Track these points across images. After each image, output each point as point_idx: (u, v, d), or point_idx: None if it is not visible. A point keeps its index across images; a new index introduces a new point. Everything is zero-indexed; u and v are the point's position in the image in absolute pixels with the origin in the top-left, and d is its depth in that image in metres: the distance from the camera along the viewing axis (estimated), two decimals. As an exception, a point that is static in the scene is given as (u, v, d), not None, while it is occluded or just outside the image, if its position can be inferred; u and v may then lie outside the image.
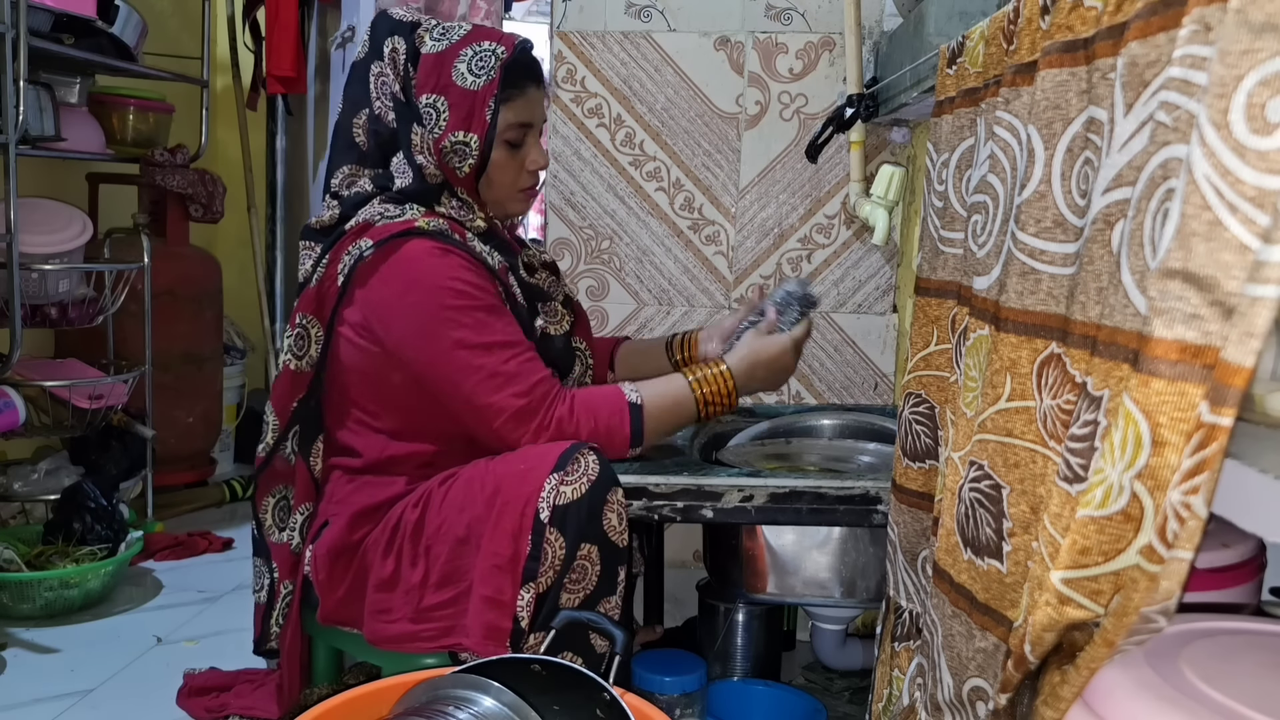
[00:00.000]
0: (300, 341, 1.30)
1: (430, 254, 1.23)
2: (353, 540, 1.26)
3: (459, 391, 1.23)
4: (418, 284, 1.23)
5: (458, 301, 1.22)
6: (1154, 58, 0.61)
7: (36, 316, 2.38)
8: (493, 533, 1.16)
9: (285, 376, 1.31)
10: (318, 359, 1.30)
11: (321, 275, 1.29)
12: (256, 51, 3.15)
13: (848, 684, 1.75)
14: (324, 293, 1.29)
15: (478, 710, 0.91)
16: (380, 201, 1.31)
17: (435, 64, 1.29)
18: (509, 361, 1.23)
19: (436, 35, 1.31)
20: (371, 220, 1.28)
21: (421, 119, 1.29)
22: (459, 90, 1.28)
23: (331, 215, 1.33)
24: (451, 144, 1.29)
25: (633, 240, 2.02)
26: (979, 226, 0.90)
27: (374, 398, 1.29)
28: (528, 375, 1.24)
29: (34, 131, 2.19)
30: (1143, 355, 0.55)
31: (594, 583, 1.16)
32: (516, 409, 1.23)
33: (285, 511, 1.35)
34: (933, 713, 0.90)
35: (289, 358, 1.30)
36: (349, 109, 1.36)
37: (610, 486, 1.17)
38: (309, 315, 1.29)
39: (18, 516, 2.43)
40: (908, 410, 1.07)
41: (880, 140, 1.91)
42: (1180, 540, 0.56)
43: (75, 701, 1.71)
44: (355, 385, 1.29)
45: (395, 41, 1.31)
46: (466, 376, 1.22)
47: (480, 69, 1.28)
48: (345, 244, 1.28)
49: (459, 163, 1.30)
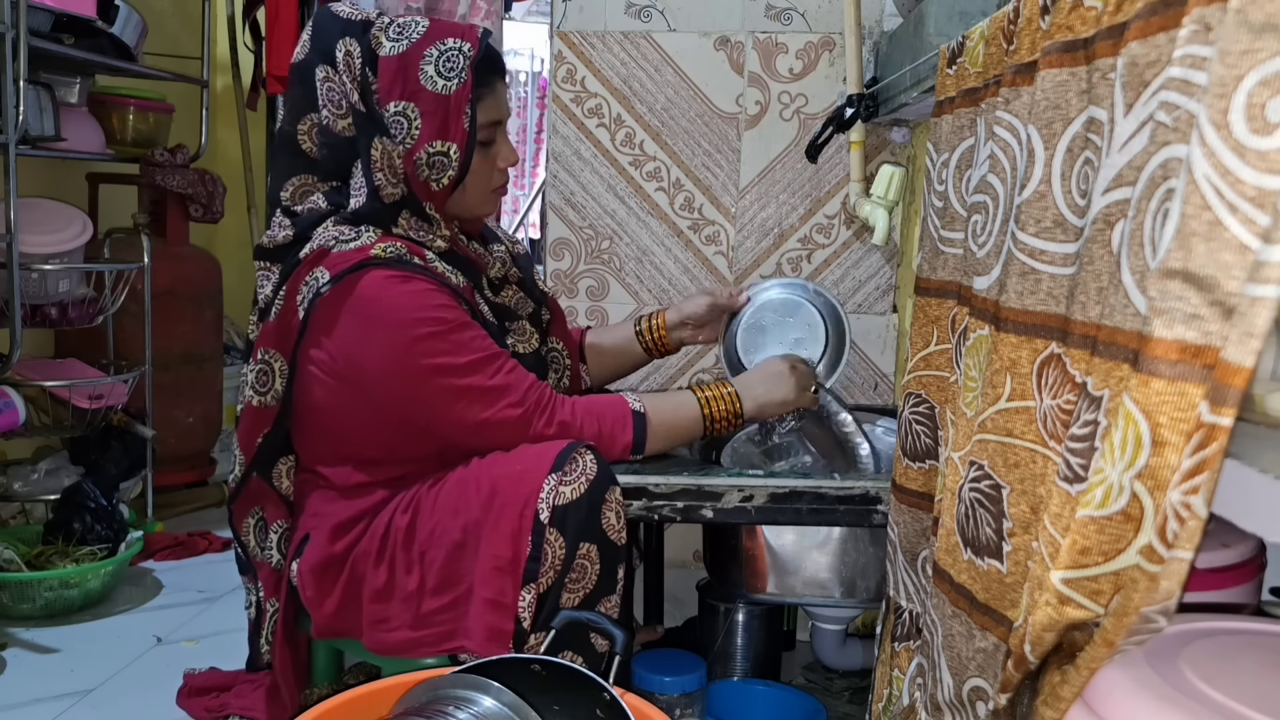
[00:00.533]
0: (263, 377, 1.25)
1: (389, 284, 1.17)
2: (336, 552, 1.24)
3: (450, 417, 1.20)
4: (382, 320, 1.17)
5: (427, 329, 1.17)
6: (1154, 58, 0.61)
7: (36, 316, 2.38)
8: (492, 535, 1.16)
9: (249, 413, 1.27)
10: (283, 394, 1.25)
11: (281, 308, 1.23)
12: (256, 51, 3.14)
13: (848, 684, 1.75)
14: (285, 326, 1.23)
15: (478, 710, 0.91)
16: (335, 223, 1.24)
17: (399, 67, 1.20)
18: (494, 376, 1.20)
19: (393, 35, 1.21)
20: (327, 246, 1.21)
21: (389, 130, 1.21)
22: (430, 95, 1.20)
23: (285, 235, 1.27)
24: (428, 155, 1.21)
25: (633, 240, 2.02)
26: (979, 226, 0.90)
27: (345, 428, 1.26)
28: (518, 385, 1.22)
29: (34, 131, 2.19)
30: (1143, 355, 0.55)
31: (594, 582, 1.16)
32: (515, 419, 1.21)
33: (261, 530, 1.34)
34: (933, 713, 0.90)
35: (251, 394, 1.26)
36: (292, 114, 1.27)
37: (608, 485, 1.17)
38: (271, 350, 1.25)
39: (18, 516, 2.42)
40: (908, 410, 1.07)
41: (880, 140, 1.91)
42: (1180, 540, 0.56)
43: (75, 701, 1.71)
44: (323, 416, 1.26)
45: (348, 44, 1.21)
46: (455, 401, 1.19)
47: (450, 70, 1.20)
48: (302, 274, 1.22)
49: (436, 175, 1.23)
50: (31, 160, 2.43)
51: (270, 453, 1.30)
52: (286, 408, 1.26)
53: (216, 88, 3.26)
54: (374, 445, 1.26)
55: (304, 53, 1.26)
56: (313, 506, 1.30)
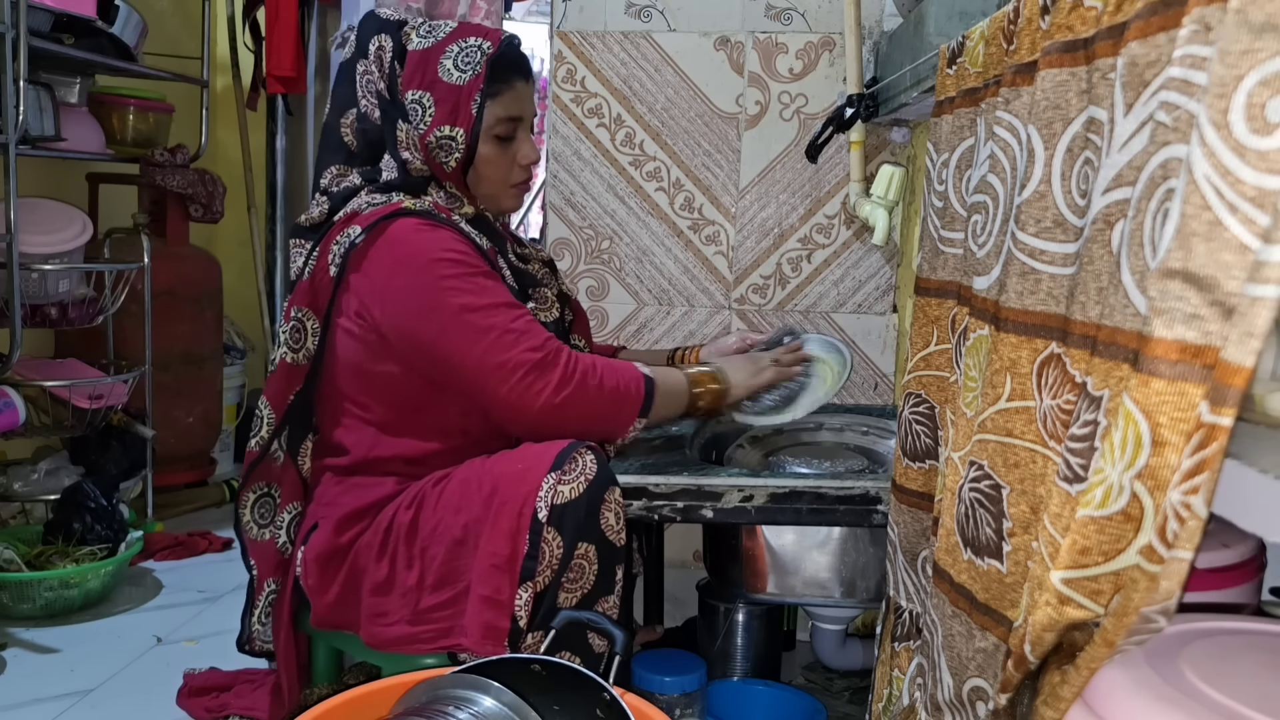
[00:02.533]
0: (296, 335, 1.29)
1: (418, 229, 1.24)
2: (341, 543, 1.25)
3: (470, 357, 1.21)
4: (409, 261, 1.22)
5: (453, 270, 1.22)
6: (1154, 58, 0.61)
7: (36, 316, 2.38)
8: (490, 533, 1.16)
9: (281, 371, 1.30)
10: (314, 352, 1.29)
11: (313, 267, 1.29)
12: (256, 51, 3.14)
13: (848, 684, 1.75)
14: (317, 284, 1.29)
15: (478, 710, 0.91)
16: (367, 193, 1.32)
17: (421, 60, 1.30)
18: (516, 320, 1.22)
19: (423, 32, 1.32)
20: (359, 209, 1.28)
21: (407, 115, 1.30)
22: (445, 85, 1.29)
23: (320, 211, 1.34)
24: (437, 139, 1.30)
25: (633, 240, 2.02)
26: (979, 226, 0.90)
27: (366, 389, 1.28)
28: (537, 332, 1.24)
29: (34, 131, 2.19)
30: (1143, 355, 0.55)
31: (591, 582, 1.16)
32: (535, 362, 1.21)
33: (267, 509, 1.34)
34: (933, 713, 0.90)
35: (285, 351, 1.29)
36: (336, 109, 1.37)
37: (608, 486, 1.17)
38: (304, 308, 1.29)
39: (18, 516, 2.42)
40: (908, 410, 1.07)
41: (880, 140, 1.91)
42: (1180, 540, 0.56)
43: (75, 701, 1.71)
44: (348, 377, 1.29)
45: (381, 40, 1.32)
46: (477, 339, 1.20)
47: (466, 64, 1.29)
48: (334, 235, 1.28)
49: (445, 157, 1.31)
50: (31, 160, 2.43)
51: (300, 415, 1.32)
52: (317, 366, 1.30)
53: (216, 88, 3.26)
54: (389, 405, 1.28)
55: (349, 52, 1.35)
56: (324, 495, 1.31)
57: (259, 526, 1.34)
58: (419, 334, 1.23)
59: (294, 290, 1.31)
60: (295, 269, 1.32)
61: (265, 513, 1.34)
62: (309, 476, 1.34)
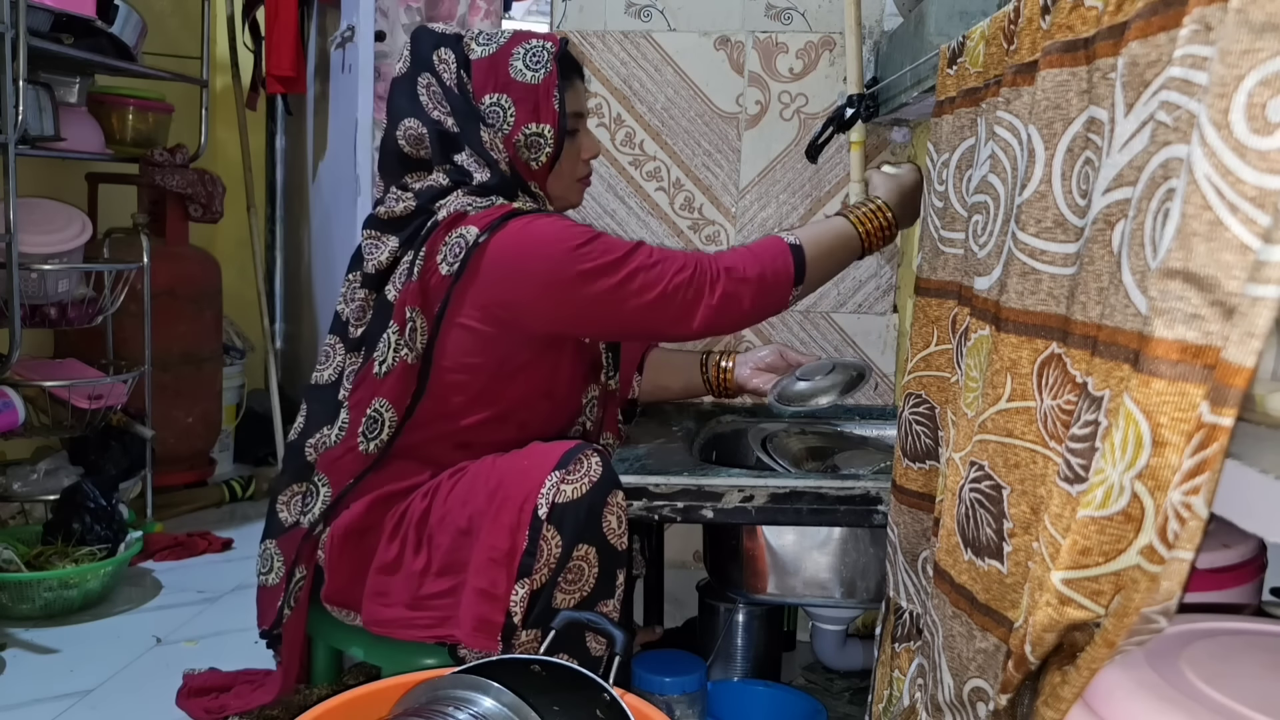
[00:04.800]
0: (412, 335, 1.27)
1: (532, 222, 1.26)
2: (367, 525, 1.26)
3: (627, 308, 1.25)
4: (533, 251, 1.24)
5: (575, 240, 1.25)
6: (1154, 57, 0.61)
7: (36, 316, 2.38)
8: (491, 526, 1.17)
9: (400, 371, 1.27)
10: (422, 352, 1.28)
11: (422, 268, 1.27)
12: (256, 51, 3.15)
13: (848, 684, 1.75)
14: (428, 285, 1.27)
15: (478, 710, 0.91)
16: (465, 193, 1.32)
17: (490, 66, 1.33)
18: (651, 255, 1.27)
19: (482, 41, 1.35)
20: (464, 210, 1.28)
21: (487, 120, 1.32)
22: (520, 85, 1.32)
23: (405, 206, 1.32)
24: (525, 136, 1.32)
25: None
26: (979, 226, 0.90)
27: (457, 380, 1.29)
28: (674, 255, 1.28)
29: (33, 131, 2.19)
30: (1143, 355, 0.55)
31: (591, 585, 1.16)
32: (688, 280, 1.26)
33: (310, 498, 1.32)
34: (933, 713, 0.90)
35: (405, 352, 1.27)
36: (394, 123, 1.37)
37: (611, 489, 1.17)
38: (415, 309, 1.27)
39: (17, 517, 2.42)
40: (908, 411, 1.07)
41: (880, 140, 1.91)
42: (1181, 540, 0.56)
43: (75, 702, 1.71)
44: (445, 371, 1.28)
45: (443, 53, 1.34)
46: (626, 288, 1.24)
47: (536, 63, 1.32)
48: (441, 235, 1.27)
49: (534, 154, 1.33)
50: (31, 160, 2.43)
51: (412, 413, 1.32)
52: (427, 366, 1.29)
53: (216, 88, 3.26)
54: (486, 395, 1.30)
55: (404, 67, 1.37)
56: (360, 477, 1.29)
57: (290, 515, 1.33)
58: (565, 310, 1.26)
59: (396, 289, 1.29)
60: (374, 263, 1.31)
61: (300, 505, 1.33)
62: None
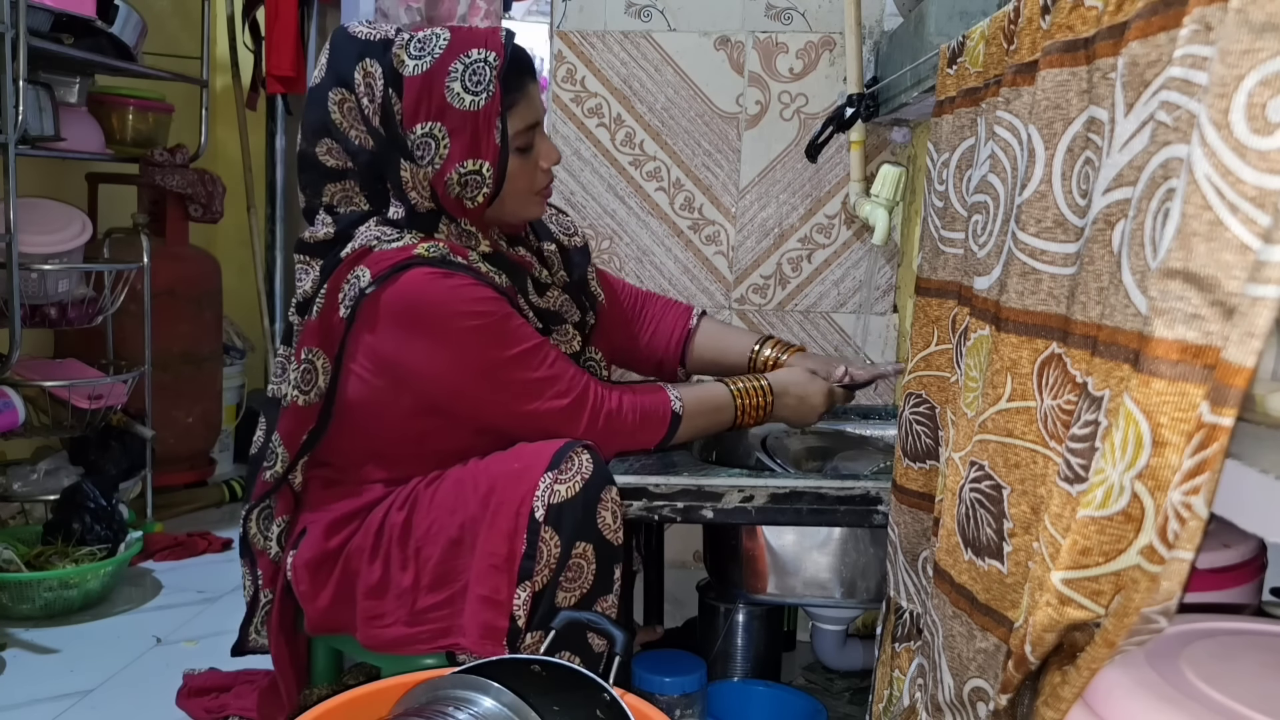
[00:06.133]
0: (308, 376, 1.24)
1: (433, 280, 1.17)
2: (331, 548, 1.24)
3: (496, 408, 1.23)
4: (426, 317, 1.17)
5: (472, 322, 1.18)
6: (1155, 57, 0.61)
7: (36, 316, 2.38)
8: (488, 533, 1.16)
9: (294, 412, 1.24)
10: (325, 391, 1.24)
11: (323, 306, 1.22)
12: (256, 51, 3.14)
13: (848, 684, 1.75)
14: (328, 325, 1.22)
15: (477, 710, 0.91)
16: (377, 223, 1.23)
17: (423, 87, 1.17)
18: (540, 368, 1.22)
19: (415, 52, 1.18)
20: (369, 245, 1.20)
21: (412, 153, 1.20)
22: (458, 113, 1.17)
23: (326, 232, 1.25)
24: (460, 175, 1.20)
25: (633, 240, 2.02)
26: (979, 226, 0.90)
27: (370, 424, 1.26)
28: (562, 374, 1.24)
29: (34, 131, 2.19)
30: (1143, 355, 0.55)
31: (590, 581, 1.16)
32: (562, 408, 1.23)
33: (268, 521, 1.33)
34: (933, 713, 0.90)
35: (295, 394, 1.24)
36: (310, 137, 1.24)
37: (604, 485, 1.17)
38: (315, 349, 1.23)
39: (17, 517, 2.42)
40: (908, 410, 1.07)
41: (880, 140, 1.91)
42: (1181, 540, 0.56)
43: (75, 702, 1.71)
44: (357, 416, 1.25)
45: (367, 66, 1.19)
46: (501, 392, 1.21)
47: (476, 84, 1.17)
48: (344, 272, 1.21)
49: (470, 194, 1.22)
50: (31, 160, 2.43)
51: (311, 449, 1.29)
52: (329, 405, 1.25)
53: (216, 87, 3.26)
54: (405, 442, 1.27)
55: (320, 75, 1.23)
56: (312, 500, 1.30)
57: (264, 539, 1.33)
58: (439, 387, 1.22)
59: (303, 326, 1.25)
60: (302, 291, 1.26)
61: (264, 523, 1.33)
62: (300, 489, 1.31)
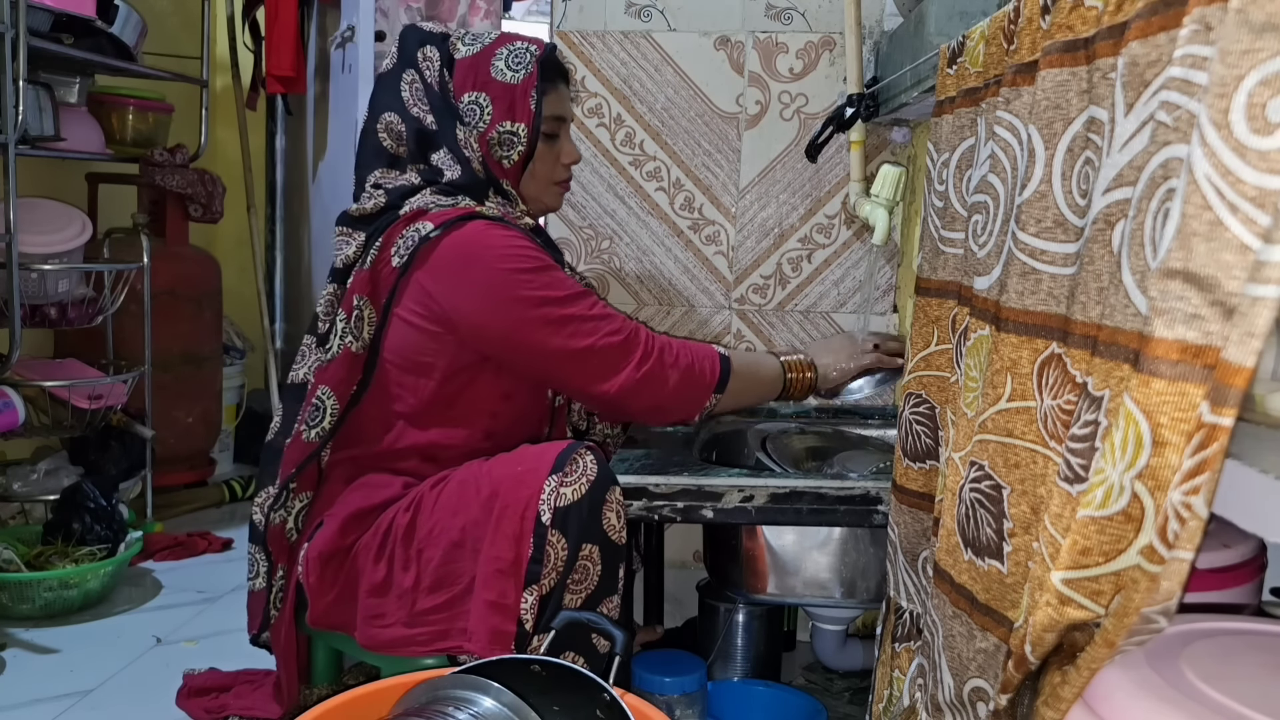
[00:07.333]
0: (358, 324, 1.29)
1: (490, 229, 1.27)
2: (344, 545, 1.25)
3: (551, 345, 1.26)
4: (484, 256, 1.25)
5: (527, 264, 1.26)
6: (1154, 57, 0.61)
7: (36, 316, 2.38)
8: (493, 537, 1.16)
9: (344, 359, 1.28)
10: (369, 343, 1.29)
11: (375, 258, 1.29)
12: (256, 51, 3.15)
13: (848, 684, 1.75)
14: (378, 275, 1.29)
15: (477, 710, 0.91)
16: (431, 192, 1.33)
17: (472, 66, 1.35)
18: (594, 307, 1.29)
19: (468, 41, 1.37)
20: (426, 207, 1.30)
21: (464, 117, 1.34)
22: (499, 85, 1.33)
23: (375, 204, 1.33)
24: (499, 134, 1.34)
25: (633, 240, 2.02)
26: (979, 226, 0.90)
27: (406, 380, 1.29)
28: (614, 314, 1.30)
29: (33, 131, 2.19)
30: (1143, 355, 0.55)
31: (595, 582, 1.16)
32: (618, 344, 1.28)
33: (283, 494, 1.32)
34: (933, 713, 0.90)
35: (349, 340, 1.28)
36: (375, 116, 1.38)
37: (609, 486, 1.17)
38: (364, 297, 1.29)
39: (17, 517, 2.42)
40: (908, 410, 1.07)
41: (880, 140, 1.91)
42: (1181, 540, 0.56)
43: (75, 702, 1.71)
44: (391, 368, 1.30)
45: (428, 50, 1.36)
46: (559, 328, 1.26)
47: (517, 64, 1.34)
48: (399, 228, 1.29)
49: (506, 152, 1.35)
50: (31, 160, 2.43)
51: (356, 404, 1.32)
52: (373, 357, 1.30)
53: (216, 88, 3.26)
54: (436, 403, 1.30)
55: (390, 64, 1.39)
56: (332, 493, 1.31)
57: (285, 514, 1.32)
58: (494, 324, 1.26)
59: (353, 278, 1.30)
60: (343, 257, 1.32)
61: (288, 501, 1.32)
62: (326, 469, 1.33)
